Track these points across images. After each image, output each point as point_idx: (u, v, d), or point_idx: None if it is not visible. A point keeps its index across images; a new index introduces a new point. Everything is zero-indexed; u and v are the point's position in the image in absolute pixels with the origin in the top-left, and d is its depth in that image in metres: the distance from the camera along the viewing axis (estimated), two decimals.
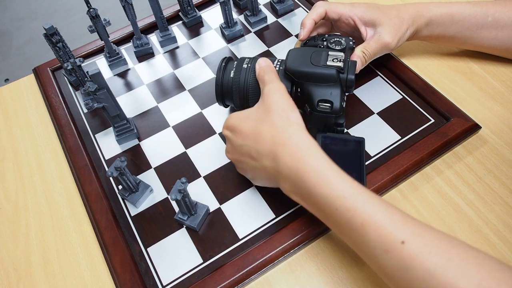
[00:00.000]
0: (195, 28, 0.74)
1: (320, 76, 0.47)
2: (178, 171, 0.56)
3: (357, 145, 0.50)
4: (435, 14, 0.55)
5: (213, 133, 0.59)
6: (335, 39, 0.51)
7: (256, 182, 0.50)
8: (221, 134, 0.58)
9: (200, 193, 0.53)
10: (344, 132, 0.56)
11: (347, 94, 0.52)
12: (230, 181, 0.54)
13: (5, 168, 0.60)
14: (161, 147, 0.59)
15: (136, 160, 0.58)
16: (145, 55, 0.71)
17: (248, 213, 0.51)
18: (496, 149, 0.52)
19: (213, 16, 0.75)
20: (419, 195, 0.50)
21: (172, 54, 0.71)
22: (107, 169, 0.56)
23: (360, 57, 0.53)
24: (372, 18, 0.55)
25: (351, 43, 0.52)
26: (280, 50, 0.68)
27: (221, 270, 0.46)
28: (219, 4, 0.69)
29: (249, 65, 0.53)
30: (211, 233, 0.50)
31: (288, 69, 0.49)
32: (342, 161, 0.49)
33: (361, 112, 0.58)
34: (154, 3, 0.67)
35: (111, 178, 0.56)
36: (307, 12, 0.72)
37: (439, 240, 0.34)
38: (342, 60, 0.48)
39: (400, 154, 0.51)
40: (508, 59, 0.60)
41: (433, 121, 0.55)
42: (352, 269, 0.45)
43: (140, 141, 0.60)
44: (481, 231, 0.46)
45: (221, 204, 0.52)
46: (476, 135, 0.54)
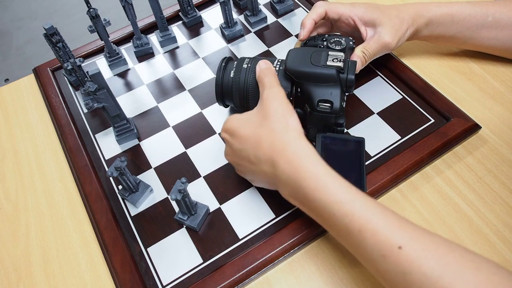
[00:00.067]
0: (195, 28, 0.74)
1: (320, 76, 0.47)
2: (178, 171, 0.56)
3: (357, 145, 0.50)
4: (435, 14, 0.55)
5: (213, 133, 0.59)
6: (335, 39, 0.51)
7: (255, 184, 0.50)
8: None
9: (200, 193, 0.53)
10: (344, 132, 0.56)
11: (347, 94, 0.52)
12: (230, 181, 0.54)
13: (5, 168, 0.60)
14: (161, 147, 0.58)
15: (136, 160, 0.58)
16: (145, 55, 0.71)
17: (248, 213, 0.51)
18: (496, 149, 0.52)
19: (213, 16, 0.75)
20: (419, 195, 0.50)
21: (172, 54, 0.71)
22: (107, 169, 0.56)
23: (360, 57, 0.53)
24: (372, 18, 0.55)
25: (351, 43, 0.52)
26: (280, 50, 0.68)
27: (221, 270, 0.46)
28: (219, 4, 0.69)
29: (249, 65, 0.53)
30: (211, 233, 0.50)
31: (288, 69, 0.49)
32: (342, 161, 0.49)
33: (361, 112, 0.58)
34: (154, 3, 0.67)
35: (111, 178, 0.56)
36: (307, 12, 0.72)
37: (436, 244, 0.34)
38: (342, 60, 0.48)
39: (400, 154, 0.51)
40: (508, 59, 0.60)
41: (433, 121, 0.55)
42: (352, 269, 0.46)
43: (140, 141, 0.60)
44: (481, 231, 0.46)
45: (221, 204, 0.52)
46: (476, 135, 0.54)
